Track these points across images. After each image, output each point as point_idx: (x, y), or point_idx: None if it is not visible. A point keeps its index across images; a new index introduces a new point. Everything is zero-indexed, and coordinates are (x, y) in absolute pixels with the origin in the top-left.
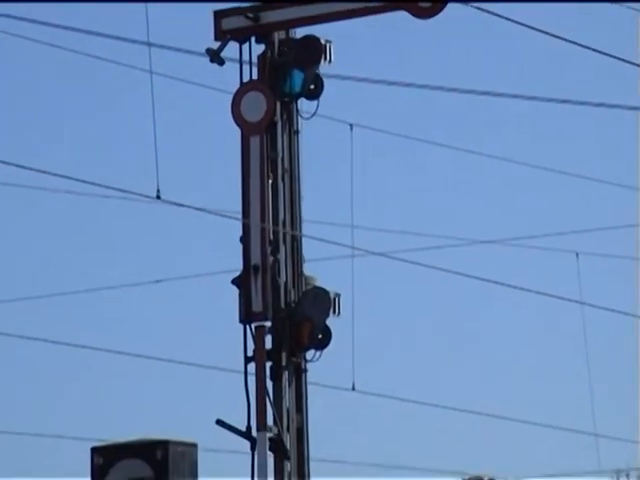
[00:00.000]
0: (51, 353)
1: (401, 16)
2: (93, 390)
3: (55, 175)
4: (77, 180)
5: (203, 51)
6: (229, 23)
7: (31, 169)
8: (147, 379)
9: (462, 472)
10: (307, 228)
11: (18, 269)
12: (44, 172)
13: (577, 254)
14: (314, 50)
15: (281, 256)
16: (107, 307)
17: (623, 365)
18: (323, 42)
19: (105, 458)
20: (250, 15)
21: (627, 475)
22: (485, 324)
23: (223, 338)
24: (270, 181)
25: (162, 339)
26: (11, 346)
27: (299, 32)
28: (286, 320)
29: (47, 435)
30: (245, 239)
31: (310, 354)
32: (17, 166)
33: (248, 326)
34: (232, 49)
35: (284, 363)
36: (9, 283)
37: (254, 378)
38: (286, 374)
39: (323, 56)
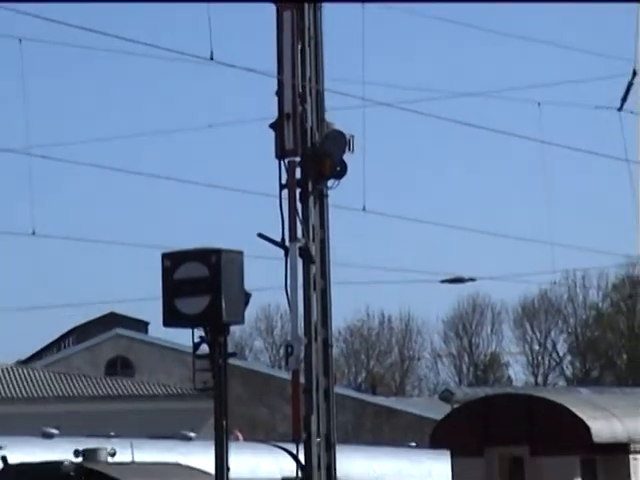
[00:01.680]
0: (127, 181)
1: None
2: (166, 214)
3: (129, 40)
4: (145, 44)
5: None
6: None
7: (115, 36)
8: (206, 203)
9: (447, 273)
10: (328, 83)
11: (109, 116)
12: (121, 38)
13: (539, 103)
14: None
15: (307, 106)
16: (174, 144)
17: (576, 189)
18: None
19: (172, 261)
20: None
21: (583, 277)
22: (468, 160)
23: (262, 170)
24: (299, 46)
25: (217, 171)
26: (103, 176)
27: None
28: (311, 156)
29: (133, 244)
30: (279, 92)
31: (330, 182)
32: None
33: (282, 161)
34: None
35: (310, 190)
36: (104, 127)
37: (287, 202)
38: (312, 198)
39: None
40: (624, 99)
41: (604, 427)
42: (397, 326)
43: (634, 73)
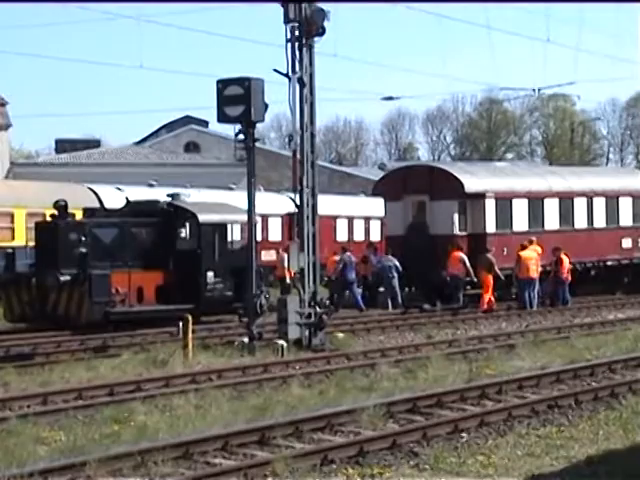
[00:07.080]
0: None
1: None
2: (220, 50)
3: None
4: None
5: None
6: None
7: None
8: (240, 53)
9: (384, 94)
10: None
11: None
12: None
13: None
14: None
15: None
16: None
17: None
18: None
19: (223, 84)
20: None
21: (463, 97)
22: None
23: (275, 31)
24: None
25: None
26: None
27: None
28: (305, 22)
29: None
30: None
31: (316, 39)
32: None
33: (286, 25)
34: None
35: (304, 42)
36: None
37: (290, 50)
38: (305, 48)
39: None
40: None
41: (471, 183)
42: (354, 125)
43: None
